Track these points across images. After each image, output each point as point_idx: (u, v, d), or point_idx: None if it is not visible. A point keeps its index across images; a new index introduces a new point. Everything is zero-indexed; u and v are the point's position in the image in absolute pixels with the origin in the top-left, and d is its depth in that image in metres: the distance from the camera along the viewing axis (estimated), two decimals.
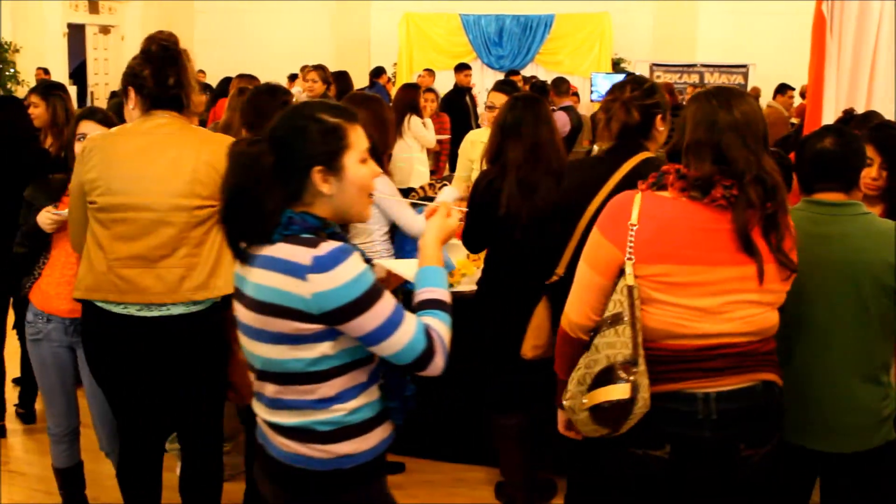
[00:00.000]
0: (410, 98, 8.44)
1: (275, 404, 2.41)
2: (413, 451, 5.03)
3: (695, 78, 16.49)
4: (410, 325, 2.31)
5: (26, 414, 5.62)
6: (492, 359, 4.32)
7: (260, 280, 2.33)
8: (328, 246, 2.27)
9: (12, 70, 15.33)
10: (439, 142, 9.60)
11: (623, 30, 17.37)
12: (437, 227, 2.58)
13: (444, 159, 10.25)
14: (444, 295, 2.46)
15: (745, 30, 16.68)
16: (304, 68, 10.18)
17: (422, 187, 7.38)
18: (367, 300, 2.27)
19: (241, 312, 2.43)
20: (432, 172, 9.14)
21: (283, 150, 2.33)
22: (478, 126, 12.16)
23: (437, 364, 2.35)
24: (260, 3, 18.70)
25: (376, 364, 2.45)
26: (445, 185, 7.32)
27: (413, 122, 8.18)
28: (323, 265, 2.25)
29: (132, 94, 3.49)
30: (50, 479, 4.88)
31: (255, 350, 2.40)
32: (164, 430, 3.79)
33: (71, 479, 4.38)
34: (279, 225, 2.32)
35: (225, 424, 4.79)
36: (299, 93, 8.40)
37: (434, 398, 4.87)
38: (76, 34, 17.55)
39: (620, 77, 12.33)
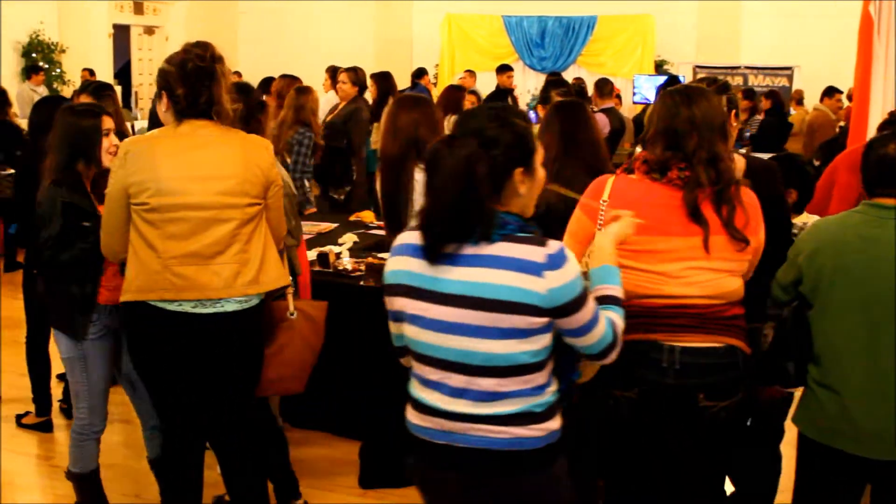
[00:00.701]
0: (455, 99, 8.46)
1: (492, 396, 2.48)
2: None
3: (738, 80, 16.32)
4: (603, 320, 2.54)
5: (70, 409, 5.66)
6: None
7: (484, 279, 2.41)
8: (555, 244, 2.44)
9: (58, 70, 15.49)
10: None
11: (666, 31, 17.25)
12: (616, 231, 2.83)
13: None
14: (620, 292, 2.69)
15: (791, 31, 16.50)
16: (329, 69, 10.11)
17: None
18: (584, 295, 2.48)
19: (441, 311, 2.47)
20: None
21: (499, 150, 2.42)
22: None
23: (615, 354, 2.60)
24: (303, 3, 18.78)
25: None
26: None
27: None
28: (556, 262, 2.40)
29: (165, 99, 3.58)
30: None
31: (474, 346, 2.45)
32: (207, 428, 3.81)
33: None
34: (496, 225, 2.41)
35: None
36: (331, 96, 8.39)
37: None
38: (121, 35, 17.72)
39: (663, 79, 12.13)
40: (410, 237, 2.57)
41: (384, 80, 9.97)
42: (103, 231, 3.65)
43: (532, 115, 14.43)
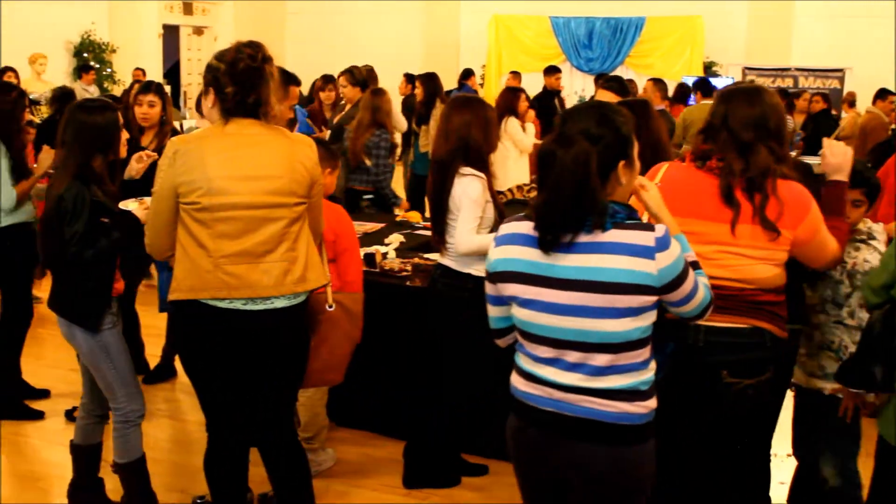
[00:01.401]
0: (510, 101, 8.47)
1: (606, 371, 2.70)
2: (496, 453, 4.99)
3: (789, 82, 16.16)
4: (700, 285, 2.80)
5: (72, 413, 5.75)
6: None
7: (600, 264, 2.63)
8: (661, 228, 2.69)
9: (109, 70, 15.68)
10: None
11: (715, 32, 17.11)
12: (655, 199, 3.00)
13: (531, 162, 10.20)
14: (694, 256, 2.92)
15: (843, 32, 16.30)
16: (406, 75, 10.14)
17: (509, 190, 7.36)
18: (687, 269, 2.73)
19: (557, 295, 2.69)
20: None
21: (605, 146, 2.65)
22: None
23: (710, 313, 2.88)
24: (350, 4, 18.85)
25: None
26: (533, 187, 7.28)
27: (510, 125, 8.17)
28: (663, 245, 2.64)
29: (213, 95, 3.60)
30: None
31: (591, 326, 2.66)
32: (252, 424, 3.83)
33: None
34: (607, 215, 2.64)
35: (312, 421, 4.86)
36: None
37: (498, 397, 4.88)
38: (171, 35, 17.90)
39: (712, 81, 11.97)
40: (518, 227, 2.79)
41: (431, 81, 9.97)
42: (149, 229, 3.67)
43: None
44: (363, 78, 8.28)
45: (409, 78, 12.47)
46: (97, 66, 15.26)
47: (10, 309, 5.80)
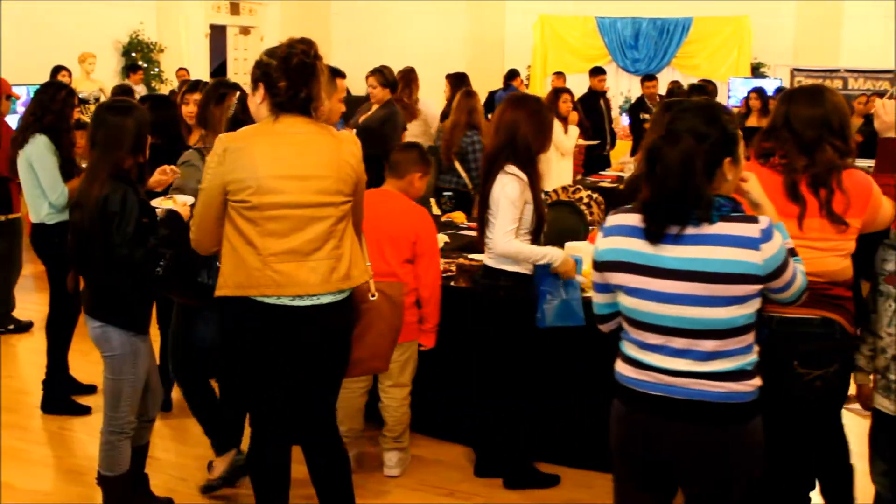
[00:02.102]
0: (552, 102, 8.52)
1: (713, 356, 2.81)
2: (568, 460, 5.01)
3: (838, 83, 15.91)
4: (798, 270, 2.91)
5: (164, 401, 5.78)
6: None
7: (707, 255, 2.75)
8: (764, 219, 2.80)
9: (157, 69, 15.81)
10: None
11: (763, 33, 16.89)
12: (756, 189, 3.08)
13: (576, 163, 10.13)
14: (792, 243, 2.99)
15: (893, 33, 16.03)
16: (451, 77, 10.10)
17: (554, 191, 7.33)
18: (787, 256, 2.83)
19: (664, 284, 2.80)
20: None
21: (711, 144, 2.77)
22: (612, 130, 12.03)
23: (805, 297, 3.00)
24: (395, 4, 18.87)
25: None
26: (578, 188, 7.25)
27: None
28: (767, 235, 2.76)
29: (262, 91, 3.63)
30: (185, 465, 5.02)
31: (698, 314, 2.78)
32: (296, 421, 3.85)
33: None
34: (713, 208, 2.76)
35: (398, 420, 4.88)
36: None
37: (583, 406, 4.85)
38: (217, 35, 18.01)
39: (759, 82, 11.90)
40: (625, 219, 2.90)
41: (459, 80, 9.91)
42: (196, 226, 3.70)
43: (625, 118, 14.32)
44: (394, 79, 8.28)
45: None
46: (145, 65, 15.39)
47: (57, 306, 5.87)
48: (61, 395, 5.84)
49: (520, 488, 4.78)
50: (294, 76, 3.54)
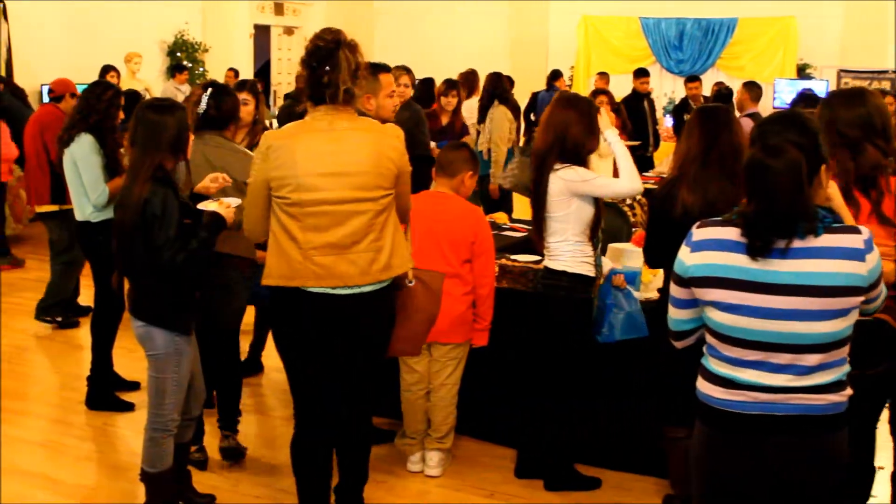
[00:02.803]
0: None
1: (815, 370, 2.77)
2: (609, 463, 5.02)
3: (885, 85, 15.67)
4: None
5: (207, 400, 5.83)
6: (671, 370, 4.22)
7: (817, 268, 2.71)
8: (864, 230, 2.80)
9: (201, 69, 15.92)
10: None
11: (809, 34, 16.69)
12: (837, 196, 3.15)
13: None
14: None
15: None
16: (492, 77, 9.96)
17: None
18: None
19: (767, 299, 2.74)
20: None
21: (808, 153, 2.74)
22: (655, 131, 11.92)
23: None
24: (439, 4, 18.87)
25: None
26: None
27: None
28: (870, 246, 2.75)
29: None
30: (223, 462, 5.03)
31: (805, 329, 2.73)
32: (339, 405, 3.99)
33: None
34: (818, 219, 2.74)
35: (443, 421, 4.91)
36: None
37: (625, 409, 4.86)
38: (262, 35, 18.12)
39: (805, 84, 11.72)
40: (719, 233, 2.83)
41: (494, 80, 9.84)
42: (246, 218, 3.88)
43: (669, 119, 14.21)
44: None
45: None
46: (190, 65, 15.51)
47: (102, 302, 5.93)
48: (105, 392, 5.89)
49: (560, 490, 4.76)
50: (314, 63, 3.68)
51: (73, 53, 13.15)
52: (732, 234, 2.78)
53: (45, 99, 10.10)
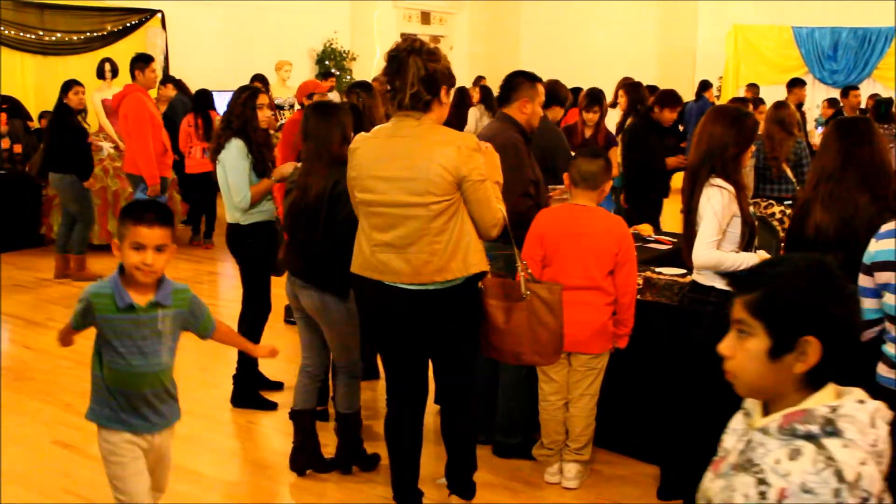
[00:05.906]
0: None
1: None
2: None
3: None
4: None
5: (370, 368, 6.29)
6: None
7: None
8: None
9: (349, 77, 16.21)
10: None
11: None
12: None
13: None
14: None
15: None
16: (629, 85, 9.81)
17: None
18: None
19: None
20: None
21: None
22: (808, 143, 11.56)
23: None
24: (585, 11, 18.75)
25: None
26: (771, 203, 7.01)
27: None
28: None
29: None
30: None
31: None
32: (424, 387, 4.36)
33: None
34: None
35: (583, 432, 4.89)
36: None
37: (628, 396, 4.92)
38: None
39: None
40: None
41: (634, 90, 9.65)
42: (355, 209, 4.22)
43: (821, 131, 13.75)
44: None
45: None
46: (337, 73, 15.81)
47: (250, 303, 6.05)
48: (250, 391, 6.02)
49: None
50: (388, 71, 3.99)
51: (227, 61, 13.57)
52: None
53: None
